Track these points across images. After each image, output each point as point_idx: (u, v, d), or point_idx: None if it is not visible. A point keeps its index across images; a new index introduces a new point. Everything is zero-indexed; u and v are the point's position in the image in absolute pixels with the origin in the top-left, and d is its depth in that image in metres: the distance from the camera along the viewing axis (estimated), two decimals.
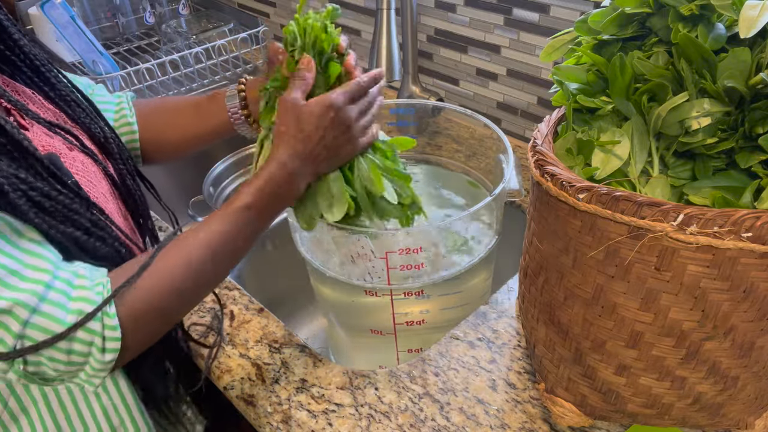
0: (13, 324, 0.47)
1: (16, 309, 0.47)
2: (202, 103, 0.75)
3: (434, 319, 0.81)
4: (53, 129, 0.59)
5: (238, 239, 0.59)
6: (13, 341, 0.47)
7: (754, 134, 0.47)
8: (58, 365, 0.49)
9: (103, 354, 0.50)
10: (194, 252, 0.55)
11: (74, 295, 0.49)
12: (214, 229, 0.57)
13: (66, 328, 0.48)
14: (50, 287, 0.48)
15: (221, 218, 0.58)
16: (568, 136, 0.57)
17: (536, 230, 0.59)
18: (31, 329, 0.47)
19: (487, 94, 1.18)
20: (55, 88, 0.63)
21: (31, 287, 0.47)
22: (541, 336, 0.63)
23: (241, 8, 1.65)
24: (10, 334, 0.47)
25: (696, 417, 0.59)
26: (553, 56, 0.60)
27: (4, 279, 0.47)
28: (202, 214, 0.99)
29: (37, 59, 0.61)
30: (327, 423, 0.66)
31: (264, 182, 0.59)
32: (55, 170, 0.53)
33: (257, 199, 0.59)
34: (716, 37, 0.49)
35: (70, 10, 1.24)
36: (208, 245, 0.56)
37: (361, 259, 0.73)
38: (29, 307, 0.47)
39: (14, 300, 0.46)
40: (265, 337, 0.77)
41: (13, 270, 0.47)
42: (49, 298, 0.48)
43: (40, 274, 0.48)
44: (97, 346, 0.50)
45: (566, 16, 0.99)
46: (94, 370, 0.51)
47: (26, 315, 0.47)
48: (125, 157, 0.67)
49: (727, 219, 0.44)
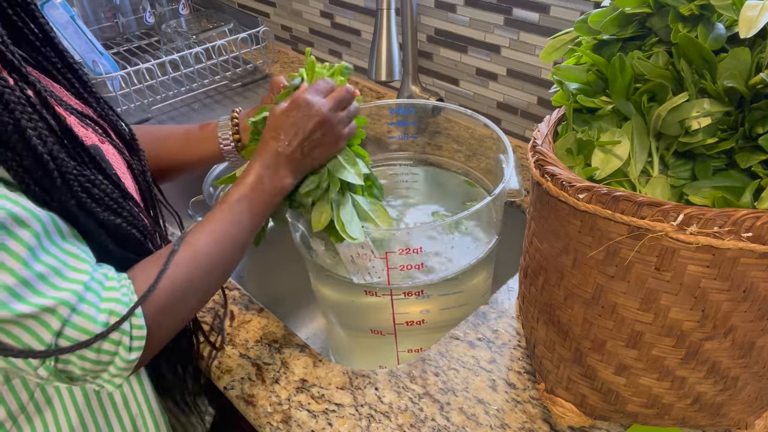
0: (54, 322, 0.48)
1: (60, 308, 0.48)
2: (193, 131, 0.78)
3: (434, 319, 0.81)
4: (85, 120, 0.60)
5: (238, 228, 0.62)
6: (50, 339, 0.48)
7: (754, 134, 0.47)
8: (86, 363, 0.51)
9: (129, 353, 0.52)
10: (201, 246, 0.58)
11: (105, 295, 0.51)
12: (214, 224, 0.60)
13: (102, 329, 0.50)
14: (88, 288, 0.50)
15: (220, 211, 0.61)
16: (568, 136, 0.57)
17: (536, 230, 0.59)
18: (69, 328, 0.49)
19: (487, 94, 1.18)
20: (86, 84, 0.65)
21: (72, 287, 0.49)
22: (541, 336, 0.63)
23: (241, 8, 1.65)
24: (49, 331, 0.48)
25: (696, 417, 0.59)
26: (553, 56, 0.60)
27: (49, 278, 0.48)
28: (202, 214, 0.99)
29: (69, 56, 0.63)
30: (327, 423, 0.66)
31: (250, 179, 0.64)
32: (100, 160, 0.56)
33: (246, 194, 0.63)
34: (716, 37, 0.49)
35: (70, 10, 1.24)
36: (213, 238, 0.59)
37: (361, 259, 0.73)
38: (71, 306, 0.49)
39: (59, 299, 0.48)
40: (265, 337, 0.77)
41: (57, 270, 0.49)
42: (87, 299, 0.50)
43: (80, 275, 0.50)
44: (125, 345, 0.52)
45: (566, 16, 0.99)
46: (118, 369, 0.52)
47: (67, 314, 0.48)
48: (143, 155, 0.69)
49: (727, 219, 0.44)
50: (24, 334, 0.47)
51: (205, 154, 0.77)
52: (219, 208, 0.62)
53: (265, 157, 0.64)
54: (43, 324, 0.47)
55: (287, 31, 1.57)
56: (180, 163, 0.78)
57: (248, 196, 0.63)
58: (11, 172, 0.47)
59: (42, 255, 0.48)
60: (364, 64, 1.40)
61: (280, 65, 1.51)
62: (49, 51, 0.61)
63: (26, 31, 0.59)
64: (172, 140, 0.78)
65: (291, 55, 1.57)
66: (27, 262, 0.47)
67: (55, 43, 0.62)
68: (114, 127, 0.65)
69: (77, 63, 0.65)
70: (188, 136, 0.78)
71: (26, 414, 0.57)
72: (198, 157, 0.78)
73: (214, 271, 0.60)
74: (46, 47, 0.61)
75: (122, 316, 0.51)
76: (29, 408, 0.57)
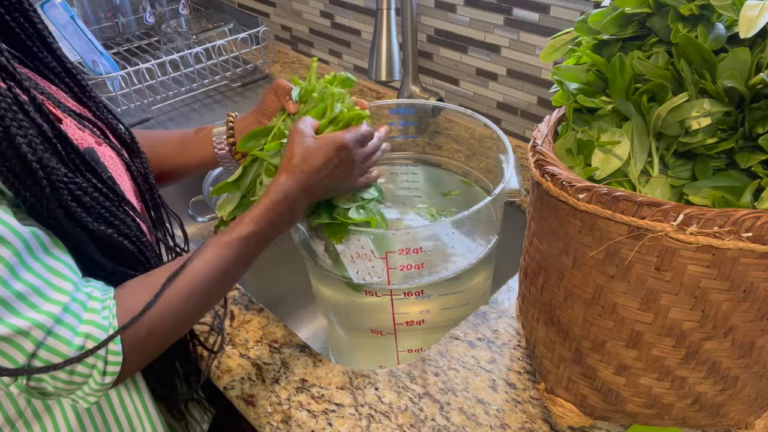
0: (27, 345, 0.47)
1: (34, 331, 0.47)
2: (188, 136, 0.77)
3: (434, 319, 0.81)
4: (83, 122, 0.60)
5: (237, 265, 0.60)
6: (23, 360, 0.47)
7: (754, 134, 0.47)
8: (59, 383, 0.50)
9: (103, 377, 0.51)
10: (196, 280, 0.57)
11: (85, 317, 0.50)
12: (213, 257, 0.58)
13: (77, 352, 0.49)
14: (67, 309, 0.49)
15: (221, 247, 0.59)
16: (568, 136, 0.57)
17: (536, 230, 0.59)
18: (43, 350, 0.48)
19: (487, 94, 1.18)
20: (84, 88, 0.64)
21: (50, 309, 0.48)
22: (541, 336, 0.63)
23: (241, 8, 1.65)
24: (22, 353, 0.47)
25: (696, 417, 0.59)
26: (553, 56, 0.60)
27: (28, 298, 0.47)
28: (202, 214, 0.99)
29: (66, 61, 0.63)
30: (327, 423, 0.66)
31: (264, 212, 0.61)
32: (94, 165, 0.54)
33: (258, 227, 0.61)
34: (716, 37, 0.49)
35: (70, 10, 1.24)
36: (209, 273, 0.57)
37: (361, 259, 0.73)
38: (45, 329, 0.47)
39: (33, 321, 0.47)
40: (265, 337, 0.77)
41: (36, 288, 0.48)
42: (64, 321, 0.49)
43: (61, 296, 0.49)
44: (99, 369, 0.51)
45: (566, 16, 0.99)
46: (92, 390, 0.52)
47: (41, 337, 0.47)
48: (145, 158, 0.69)
49: (727, 219, 0.44)
50: None
51: (201, 159, 0.77)
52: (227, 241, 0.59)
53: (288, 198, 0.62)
54: (16, 346, 0.47)
55: (287, 31, 1.57)
56: (175, 168, 0.77)
57: (261, 230, 0.61)
58: (1, 177, 0.46)
59: (23, 273, 0.47)
60: (364, 64, 1.40)
61: (280, 65, 1.51)
62: (47, 55, 0.61)
63: (24, 36, 0.59)
64: (168, 146, 0.77)
65: (291, 55, 1.57)
66: (6, 282, 0.45)
67: (53, 48, 0.61)
68: (113, 129, 0.65)
69: (75, 67, 0.64)
70: (183, 141, 0.77)
71: (24, 419, 0.57)
72: (193, 162, 0.77)
73: (206, 305, 0.59)
74: (43, 51, 0.61)
75: (97, 344, 0.49)
76: (27, 413, 0.57)
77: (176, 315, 0.55)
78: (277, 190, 0.62)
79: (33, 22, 0.59)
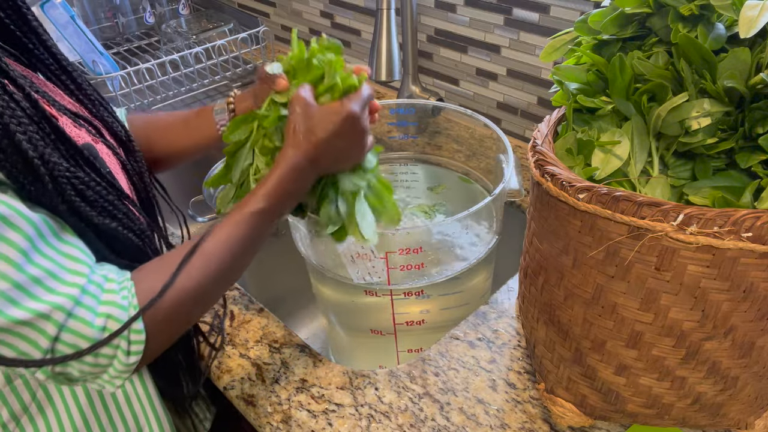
0: (50, 328, 0.47)
1: (55, 313, 0.47)
2: (190, 117, 0.77)
3: (434, 319, 0.81)
4: (78, 120, 0.60)
5: (253, 240, 0.60)
6: (47, 344, 0.47)
7: (754, 134, 0.47)
8: (84, 366, 0.50)
9: (127, 357, 0.51)
10: (214, 257, 0.57)
11: (103, 298, 0.50)
12: (230, 233, 0.58)
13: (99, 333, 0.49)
14: (85, 291, 0.49)
15: (236, 223, 0.59)
16: (568, 136, 0.57)
17: (536, 230, 0.59)
18: (65, 333, 0.48)
19: (487, 94, 1.18)
20: (80, 85, 0.64)
21: (69, 291, 0.48)
22: (541, 336, 0.63)
23: (241, 8, 1.65)
24: (45, 337, 0.47)
25: (696, 417, 0.59)
26: (553, 56, 0.60)
27: (44, 282, 0.47)
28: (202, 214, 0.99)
29: (62, 58, 0.63)
30: (327, 423, 0.66)
31: (275, 185, 0.60)
32: (93, 160, 0.54)
33: (269, 203, 0.60)
34: (716, 37, 0.49)
35: (70, 10, 1.24)
36: (227, 249, 0.58)
37: (361, 259, 0.73)
38: (66, 311, 0.48)
39: (54, 304, 0.47)
40: (265, 337, 0.77)
41: (53, 273, 0.48)
42: (83, 302, 0.49)
43: (77, 277, 0.49)
44: (123, 349, 0.51)
45: (566, 16, 0.99)
46: (117, 371, 0.52)
47: (63, 319, 0.48)
48: (140, 156, 0.69)
49: (727, 219, 0.44)
50: (19, 341, 0.46)
51: (205, 139, 0.76)
52: (237, 219, 0.59)
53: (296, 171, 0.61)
54: (38, 330, 0.47)
55: (287, 31, 1.57)
56: (179, 150, 0.77)
57: (270, 210, 0.60)
58: (4, 172, 0.46)
59: (36, 257, 0.47)
60: (364, 64, 1.40)
61: None
62: (43, 52, 0.61)
63: (19, 33, 0.59)
64: (172, 128, 0.77)
65: None
66: (20, 266, 0.46)
67: (48, 45, 0.61)
68: (109, 128, 0.65)
69: (71, 64, 0.64)
70: (186, 122, 0.77)
71: (29, 414, 0.57)
72: (197, 142, 0.76)
73: (223, 283, 0.59)
74: (39, 48, 0.61)
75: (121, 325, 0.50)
76: (32, 408, 0.57)
77: (193, 294, 0.55)
78: (285, 165, 0.60)
79: (27, 19, 0.59)
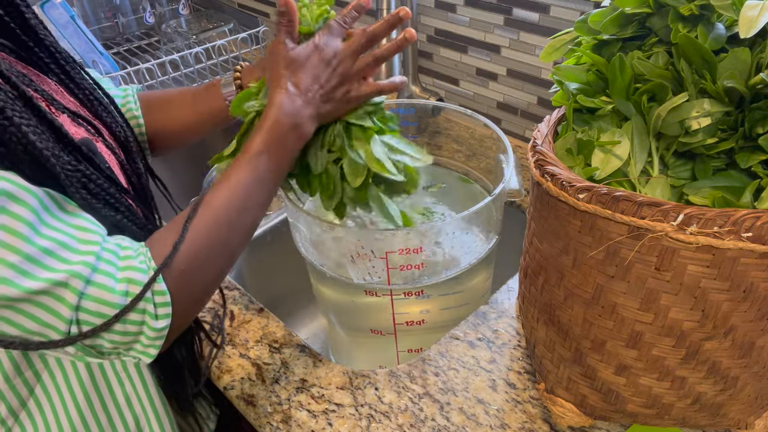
0: (69, 296, 0.47)
1: (72, 281, 0.47)
2: (199, 92, 0.77)
3: (434, 319, 0.81)
4: (77, 119, 0.60)
5: (260, 184, 0.59)
6: (69, 313, 0.47)
7: (754, 134, 0.47)
8: (115, 336, 0.50)
9: (156, 320, 0.51)
10: (221, 206, 0.56)
11: (121, 264, 0.50)
12: (234, 179, 0.58)
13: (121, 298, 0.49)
14: (100, 258, 0.49)
15: (238, 168, 0.59)
16: (568, 136, 0.57)
17: (536, 230, 0.59)
18: (86, 300, 0.48)
19: (487, 94, 1.18)
20: (79, 84, 0.64)
21: (83, 259, 0.48)
22: (541, 336, 0.63)
23: (241, 8, 1.65)
24: (66, 306, 0.47)
25: (696, 417, 0.59)
26: (553, 56, 0.60)
27: (57, 252, 0.47)
28: None
29: (61, 57, 0.63)
30: (327, 423, 0.66)
31: (269, 126, 0.60)
32: (92, 155, 0.54)
33: (267, 144, 0.60)
34: (716, 37, 0.49)
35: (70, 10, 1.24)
36: (234, 196, 0.57)
37: (361, 259, 0.73)
38: (83, 278, 0.48)
39: (70, 272, 0.47)
40: (265, 337, 0.77)
41: (64, 243, 0.48)
42: (101, 269, 0.49)
43: (90, 246, 0.49)
44: (150, 313, 0.51)
45: (566, 16, 0.99)
46: (150, 339, 0.52)
47: (81, 286, 0.48)
48: (140, 156, 0.69)
49: (727, 219, 0.44)
50: (40, 311, 0.47)
51: (213, 114, 0.76)
52: (238, 165, 0.58)
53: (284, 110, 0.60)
54: (58, 299, 0.47)
55: None
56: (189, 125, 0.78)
57: (269, 148, 0.59)
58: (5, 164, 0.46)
59: (44, 230, 0.47)
60: None
61: None
62: (42, 50, 0.61)
63: (18, 30, 0.59)
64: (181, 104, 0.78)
65: None
66: (29, 238, 0.46)
67: (45, 43, 0.61)
68: (108, 128, 0.65)
69: (72, 63, 0.64)
70: (195, 97, 0.77)
71: (27, 410, 0.57)
72: (205, 117, 0.77)
73: (235, 233, 0.58)
74: (39, 45, 0.61)
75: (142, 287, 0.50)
76: (30, 404, 0.57)
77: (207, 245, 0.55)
78: (272, 106, 0.61)
79: (25, 19, 0.59)
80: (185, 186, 1.20)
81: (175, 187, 0.92)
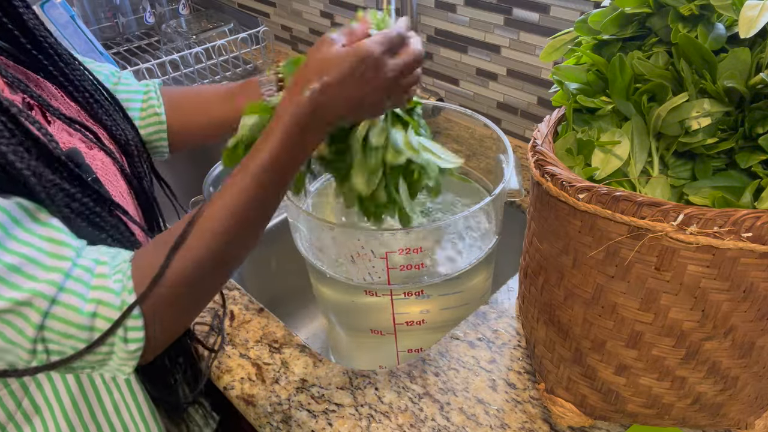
0: (33, 315, 0.46)
1: (36, 300, 0.46)
2: (234, 89, 0.75)
3: (434, 319, 0.81)
4: (73, 126, 0.58)
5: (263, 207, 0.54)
6: (33, 332, 0.46)
7: (754, 134, 0.47)
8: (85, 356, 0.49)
9: (126, 344, 0.49)
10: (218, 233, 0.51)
11: (94, 283, 0.48)
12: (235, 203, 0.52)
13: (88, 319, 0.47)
14: (69, 276, 0.47)
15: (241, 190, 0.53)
16: (568, 136, 0.57)
17: (536, 230, 0.59)
18: (50, 320, 0.47)
19: (487, 94, 1.18)
20: (78, 87, 0.63)
21: (49, 277, 0.46)
22: (541, 336, 0.63)
23: (241, 8, 1.65)
24: (30, 325, 0.46)
25: (696, 417, 0.59)
26: (553, 56, 0.60)
27: (22, 269, 0.46)
28: None
29: (62, 59, 0.62)
30: (327, 423, 0.66)
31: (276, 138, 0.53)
32: (73, 167, 0.52)
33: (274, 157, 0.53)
34: (716, 37, 0.49)
35: (70, 10, 1.24)
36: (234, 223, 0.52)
37: (361, 259, 0.73)
38: (48, 297, 0.46)
39: (33, 291, 0.46)
40: (265, 337, 0.77)
41: (32, 258, 0.46)
42: (68, 288, 0.47)
43: (60, 262, 0.47)
44: (120, 336, 0.49)
45: (566, 16, 0.99)
46: (122, 359, 0.50)
47: (46, 306, 0.46)
48: (144, 158, 0.67)
49: (727, 219, 0.44)
50: (6, 329, 0.46)
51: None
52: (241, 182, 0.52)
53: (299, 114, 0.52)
54: (22, 317, 0.45)
55: (287, 31, 1.57)
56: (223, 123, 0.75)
57: (276, 164, 0.53)
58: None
59: (12, 244, 0.45)
60: None
61: None
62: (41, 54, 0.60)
63: (17, 32, 0.58)
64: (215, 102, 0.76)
65: (291, 55, 1.57)
66: None
67: (43, 47, 0.60)
68: (108, 131, 0.64)
69: (71, 65, 0.63)
70: (230, 94, 0.75)
71: (14, 423, 0.56)
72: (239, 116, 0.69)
73: (230, 260, 0.53)
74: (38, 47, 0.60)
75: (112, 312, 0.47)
76: (17, 417, 0.56)
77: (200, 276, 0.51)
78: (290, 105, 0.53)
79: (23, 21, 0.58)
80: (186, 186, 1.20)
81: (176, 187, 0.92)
